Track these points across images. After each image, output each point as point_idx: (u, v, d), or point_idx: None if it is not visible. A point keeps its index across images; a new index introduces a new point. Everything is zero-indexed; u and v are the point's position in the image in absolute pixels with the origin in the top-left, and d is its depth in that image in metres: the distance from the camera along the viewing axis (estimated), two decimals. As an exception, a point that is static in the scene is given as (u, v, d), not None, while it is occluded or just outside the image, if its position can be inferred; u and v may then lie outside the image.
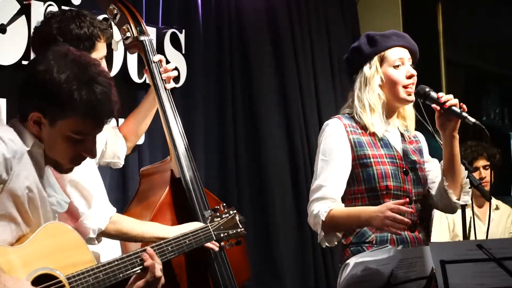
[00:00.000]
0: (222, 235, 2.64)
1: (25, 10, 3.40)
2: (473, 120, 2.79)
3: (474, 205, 3.97)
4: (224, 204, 2.81)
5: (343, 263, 2.88)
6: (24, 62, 3.37)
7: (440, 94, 2.88)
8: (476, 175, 4.56)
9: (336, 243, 2.96)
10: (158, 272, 2.34)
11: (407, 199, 2.78)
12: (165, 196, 2.98)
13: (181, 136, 3.06)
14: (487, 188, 4.69)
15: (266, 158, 4.67)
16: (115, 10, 3.11)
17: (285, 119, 4.82)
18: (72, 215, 2.69)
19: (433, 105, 2.88)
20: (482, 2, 6.16)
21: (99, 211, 2.73)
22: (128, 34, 3.10)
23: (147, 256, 2.35)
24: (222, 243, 2.75)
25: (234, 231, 2.68)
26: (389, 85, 2.95)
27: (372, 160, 2.89)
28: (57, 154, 2.22)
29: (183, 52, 4.22)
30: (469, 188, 2.95)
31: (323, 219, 2.81)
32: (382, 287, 2.29)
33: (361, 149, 2.90)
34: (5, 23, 3.33)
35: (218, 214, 2.68)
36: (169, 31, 4.14)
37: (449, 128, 2.87)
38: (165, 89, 3.11)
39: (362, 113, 2.94)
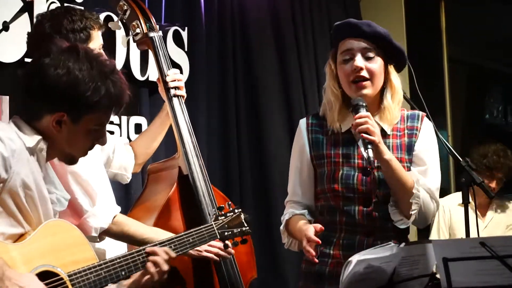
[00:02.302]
0: (226, 233, 2.63)
1: (27, 7, 3.42)
2: (370, 155, 2.56)
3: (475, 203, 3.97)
4: (230, 203, 2.81)
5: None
6: (27, 60, 3.38)
7: (360, 114, 2.61)
8: (485, 178, 4.48)
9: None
10: (164, 266, 2.38)
11: (323, 227, 2.57)
12: (173, 192, 2.98)
13: (190, 133, 3.06)
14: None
15: (269, 157, 4.67)
16: (125, 6, 3.12)
17: (287, 117, 4.82)
18: (75, 212, 2.69)
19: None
20: (484, 0, 6.16)
21: (103, 209, 2.73)
22: (138, 30, 3.11)
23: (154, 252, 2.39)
24: (227, 242, 2.74)
25: (239, 230, 2.67)
26: (341, 80, 2.77)
27: (325, 160, 2.76)
28: (76, 148, 2.29)
29: (186, 49, 4.23)
30: (415, 210, 2.68)
31: (281, 228, 2.85)
32: (385, 285, 2.29)
33: (317, 149, 2.78)
34: (7, 20, 3.34)
35: (223, 212, 2.67)
36: (172, 29, 4.15)
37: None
38: (175, 88, 3.11)
39: (324, 108, 2.82)
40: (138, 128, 3.94)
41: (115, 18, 3.70)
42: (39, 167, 2.23)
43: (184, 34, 4.22)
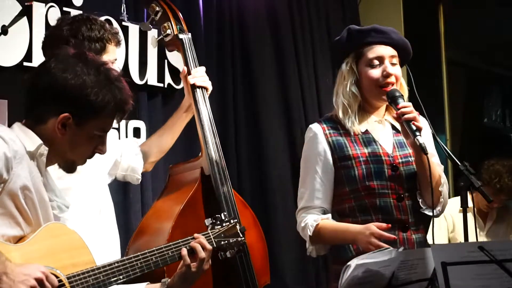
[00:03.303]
0: (222, 242, 2.64)
1: (26, 11, 3.41)
2: (421, 141, 2.67)
3: (475, 207, 3.96)
4: (225, 213, 2.84)
5: (333, 263, 2.90)
6: (26, 64, 3.38)
7: (404, 103, 2.75)
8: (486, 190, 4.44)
9: (325, 252, 2.93)
10: (202, 253, 2.49)
11: (389, 225, 2.66)
12: (195, 191, 2.96)
13: (214, 134, 3.07)
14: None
15: (267, 159, 4.67)
16: (157, 8, 3.16)
17: (286, 120, 4.82)
18: None
19: (394, 114, 2.79)
20: (483, 2, 6.17)
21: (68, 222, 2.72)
22: (169, 31, 3.14)
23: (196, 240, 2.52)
24: (226, 253, 2.73)
25: (235, 240, 2.67)
26: (365, 84, 2.85)
27: (353, 160, 2.82)
28: (77, 154, 2.29)
29: (185, 53, 4.22)
30: (442, 198, 2.86)
31: (310, 234, 2.84)
32: (384, 289, 2.30)
33: (341, 150, 2.84)
34: (6, 24, 3.34)
35: (218, 222, 2.69)
36: (171, 33, 4.14)
37: (410, 140, 2.76)
38: (201, 87, 3.12)
39: (338, 111, 2.88)
40: (136, 132, 3.93)
41: (114, 22, 3.70)
42: (38, 172, 2.24)
43: (183, 38, 4.22)
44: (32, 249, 2.16)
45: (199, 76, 3.12)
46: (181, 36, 3.14)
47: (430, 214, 2.79)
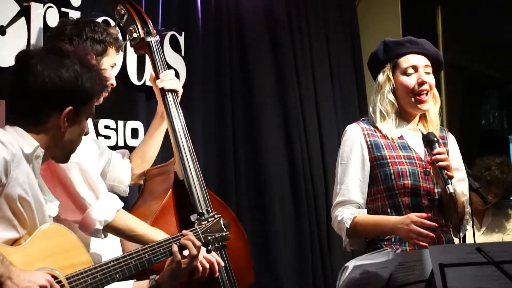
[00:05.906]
0: (209, 237, 2.67)
1: (24, 11, 3.40)
2: (451, 190, 2.77)
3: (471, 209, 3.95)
4: (209, 209, 2.84)
5: None
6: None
7: (438, 150, 2.85)
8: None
9: (359, 247, 3.02)
10: (193, 250, 2.52)
11: (429, 214, 2.79)
12: (168, 198, 2.98)
13: (186, 138, 3.06)
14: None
15: (265, 162, 4.66)
16: (123, 11, 3.14)
17: (284, 123, 4.82)
18: (80, 207, 2.73)
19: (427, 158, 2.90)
20: (481, 5, 6.17)
21: (107, 203, 2.75)
22: (135, 35, 3.13)
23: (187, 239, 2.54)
24: (209, 247, 2.74)
25: (220, 235, 2.71)
26: (401, 92, 2.99)
27: (389, 160, 2.93)
28: (75, 142, 2.37)
29: (183, 54, 4.22)
30: (466, 228, 2.99)
31: (348, 227, 2.90)
32: (381, 290, 2.29)
33: (377, 150, 2.96)
34: (4, 24, 3.33)
35: (203, 218, 2.72)
36: (169, 34, 4.14)
37: (440, 185, 2.88)
38: (171, 90, 3.11)
39: (374, 118, 3.01)
40: (134, 132, 3.93)
41: (112, 23, 3.70)
42: (33, 174, 2.25)
43: (181, 39, 4.22)
44: (31, 251, 2.18)
45: (168, 79, 3.10)
46: (148, 39, 3.13)
47: (455, 237, 2.99)
